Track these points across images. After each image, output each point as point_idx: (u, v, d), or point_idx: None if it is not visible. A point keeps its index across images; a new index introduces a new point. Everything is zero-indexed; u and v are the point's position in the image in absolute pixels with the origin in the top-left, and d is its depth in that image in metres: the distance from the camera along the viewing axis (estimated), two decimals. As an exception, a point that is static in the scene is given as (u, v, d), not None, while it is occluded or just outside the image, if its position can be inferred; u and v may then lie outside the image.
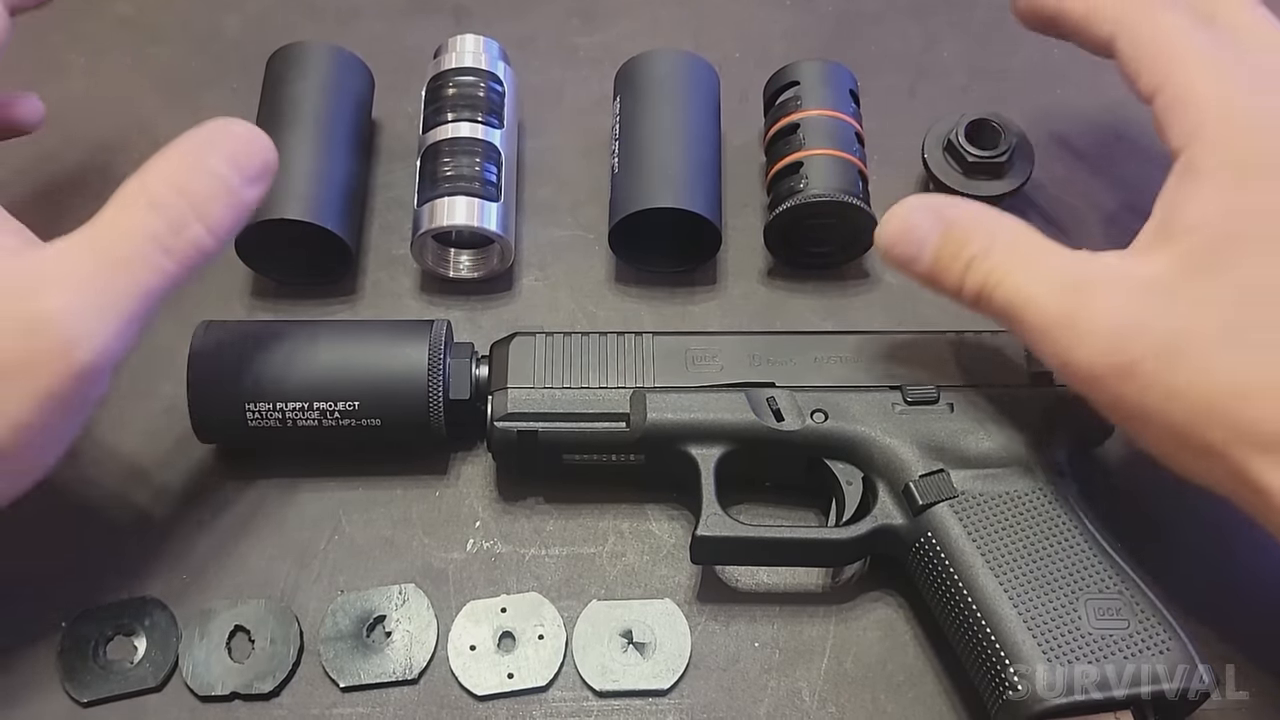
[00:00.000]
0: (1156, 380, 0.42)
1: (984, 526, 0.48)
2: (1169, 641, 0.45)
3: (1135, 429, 0.45)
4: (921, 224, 0.48)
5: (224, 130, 0.46)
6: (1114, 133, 0.66)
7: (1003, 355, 0.53)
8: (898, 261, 0.49)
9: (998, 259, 0.46)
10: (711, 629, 0.51)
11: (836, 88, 0.60)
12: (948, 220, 0.48)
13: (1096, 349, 0.43)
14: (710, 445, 0.51)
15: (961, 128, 0.60)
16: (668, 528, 0.54)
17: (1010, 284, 0.45)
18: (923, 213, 0.48)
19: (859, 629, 0.51)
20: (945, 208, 0.48)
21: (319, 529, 0.54)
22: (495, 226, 0.57)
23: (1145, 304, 0.43)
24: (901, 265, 0.49)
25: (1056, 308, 0.44)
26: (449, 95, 0.60)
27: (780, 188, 0.58)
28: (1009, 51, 0.69)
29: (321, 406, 0.51)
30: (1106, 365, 0.43)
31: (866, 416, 0.51)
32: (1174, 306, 0.43)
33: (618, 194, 0.58)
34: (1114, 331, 0.43)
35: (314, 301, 0.59)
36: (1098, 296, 0.44)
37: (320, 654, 0.50)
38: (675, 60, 0.62)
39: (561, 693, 0.50)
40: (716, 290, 0.61)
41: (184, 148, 0.46)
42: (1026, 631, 0.45)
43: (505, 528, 0.54)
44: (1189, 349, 0.42)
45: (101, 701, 0.49)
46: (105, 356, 0.43)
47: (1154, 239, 0.45)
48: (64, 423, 0.44)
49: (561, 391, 0.52)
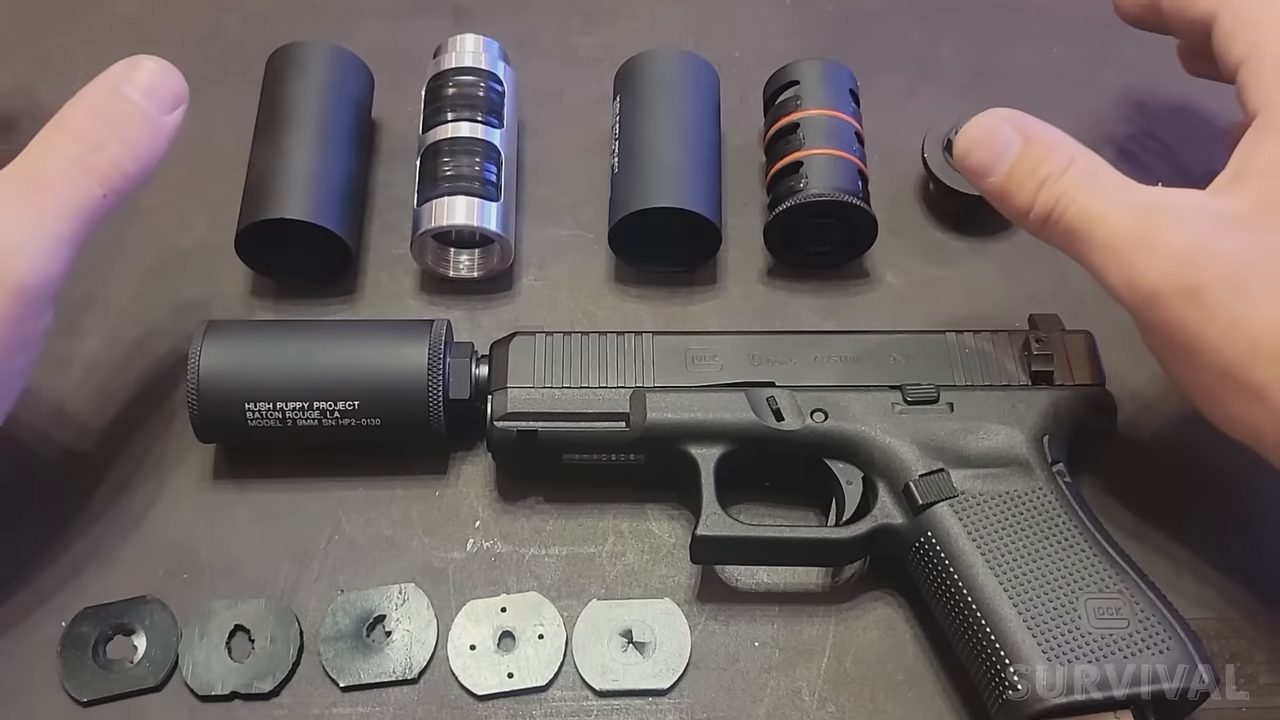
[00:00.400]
0: (1221, 307, 0.43)
1: (984, 526, 0.48)
2: (1169, 641, 0.45)
3: (1184, 362, 0.46)
4: (1004, 133, 0.48)
5: (133, 63, 0.49)
6: (1113, 132, 0.66)
7: (1003, 355, 0.53)
8: (973, 170, 0.49)
9: (1074, 180, 0.46)
10: (711, 628, 0.51)
11: (836, 87, 0.60)
12: (1030, 136, 0.48)
13: (1167, 267, 0.44)
14: (710, 445, 0.51)
15: (962, 127, 0.60)
16: (667, 527, 0.54)
17: (1083, 203, 0.46)
18: (1006, 124, 0.48)
19: (859, 628, 0.51)
20: (1029, 124, 0.49)
21: (319, 528, 0.54)
22: (495, 226, 0.57)
23: (1219, 231, 0.44)
24: (976, 174, 0.49)
25: (1130, 225, 0.45)
26: (449, 95, 0.60)
27: (780, 187, 0.58)
28: (1009, 51, 0.69)
29: (321, 406, 0.51)
30: (1175, 285, 0.44)
31: (866, 416, 0.51)
32: (1246, 239, 0.44)
33: (617, 193, 0.58)
34: (1186, 251, 0.44)
35: (314, 301, 0.60)
36: (1172, 219, 0.45)
37: (320, 653, 0.50)
38: (675, 60, 0.62)
39: (561, 692, 0.50)
40: (716, 290, 0.61)
41: (96, 82, 0.49)
42: (1026, 631, 0.45)
43: (505, 527, 0.54)
44: (1256, 281, 0.43)
45: (101, 701, 0.49)
46: (40, 274, 0.45)
47: (1229, 183, 0.46)
48: (10, 351, 0.46)
49: (561, 391, 0.52)
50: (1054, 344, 0.53)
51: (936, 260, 0.61)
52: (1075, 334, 0.54)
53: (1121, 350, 0.58)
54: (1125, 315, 0.59)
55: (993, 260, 0.61)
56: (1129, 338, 0.58)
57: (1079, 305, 0.59)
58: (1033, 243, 0.61)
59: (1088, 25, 0.62)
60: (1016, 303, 0.59)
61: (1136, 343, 0.58)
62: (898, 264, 0.61)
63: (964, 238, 0.62)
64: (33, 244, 0.45)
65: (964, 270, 0.61)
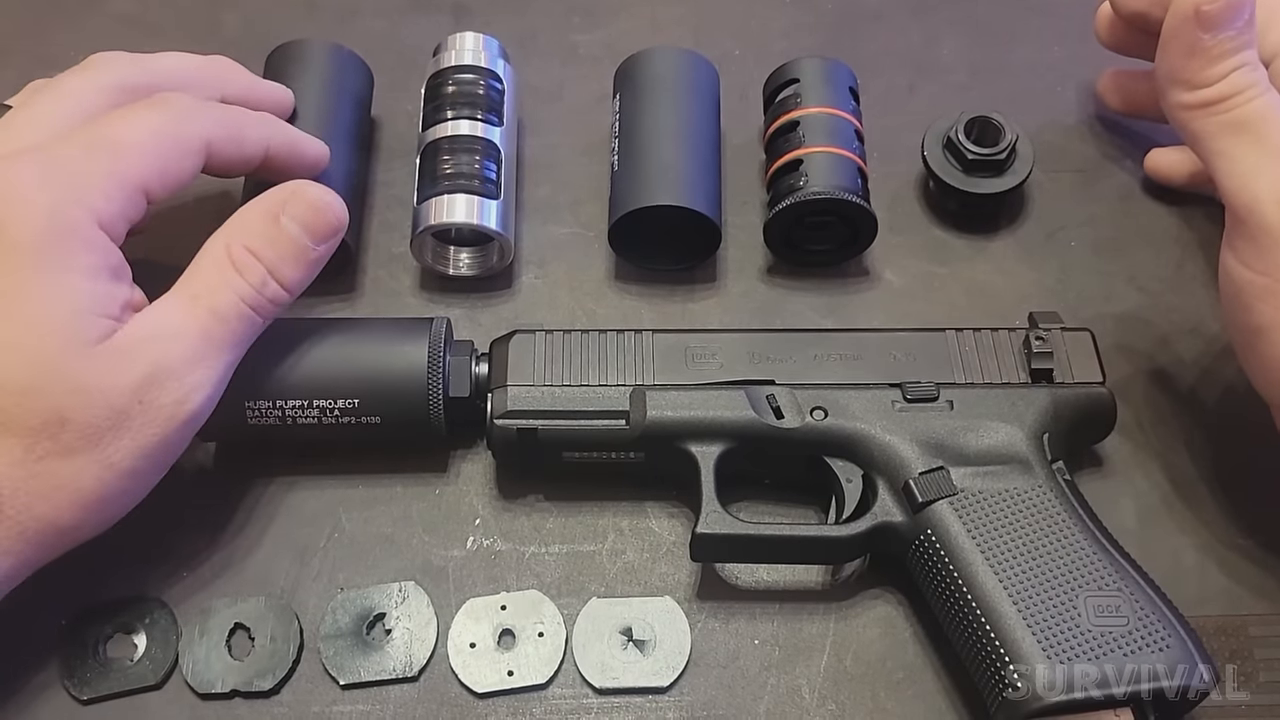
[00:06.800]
0: None
1: (983, 524, 0.48)
2: (1169, 639, 0.45)
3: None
4: (1248, 6, 0.48)
5: (299, 194, 0.50)
6: (1113, 130, 0.66)
7: (1003, 353, 0.53)
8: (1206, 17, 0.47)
9: (1274, 74, 0.49)
10: (711, 626, 0.51)
11: (836, 85, 0.60)
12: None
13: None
14: (710, 443, 0.51)
15: (961, 125, 0.60)
16: (667, 525, 0.54)
17: (1270, 100, 0.47)
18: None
19: (859, 626, 0.51)
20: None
21: (319, 527, 0.54)
22: (495, 224, 0.57)
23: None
24: (1205, 21, 0.48)
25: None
26: (449, 93, 0.60)
27: (780, 185, 0.58)
28: (1009, 49, 0.69)
29: (321, 404, 0.51)
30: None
31: (866, 414, 0.51)
32: None
33: (617, 192, 0.58)
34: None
35: (313, 299, 0.59)
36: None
37: (320, 651, 0.50)
38: (675, 58, 0.62)
39: (561, 690, 0.50)
40: (716, 288, 0.61)
41: (262, 209, 0.50)
42: (1026, 629, 0.45)
43: (505, 525, 0.54)
44: None
45: (102, 699, 0.49)
46: (211, 403, 0.48)
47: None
48: (162, 468, 0.48)
49: (561, 389, 0.52)
50: (1054, 342, 0.53)
51: (936, 258, 0.61)
52: (1076, 332, 0.54)
53: (1122, 349, 0.58)
54: (1126, 314, 0.59)
55: (993, 258, 0.61)
56: (1130, 336, 0.59)
57: (1079, 303, 0.59)
58: (1033, 241, 0.62)
59: (1088, 24, 0.62)
60: (1016, 300, 0.59)
61: (1137, 341, 0.59)
62: (898, 262, 0.61)
63: (964, 236, 0.62)
64: (210, 376, 0.47)
65: (964, 268, 0.61)
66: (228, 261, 0.48)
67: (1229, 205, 0.47)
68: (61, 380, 0.44)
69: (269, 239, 0.49)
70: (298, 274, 0.50)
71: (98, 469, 0.44)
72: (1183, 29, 0.48)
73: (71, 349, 0.44)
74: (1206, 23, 0.47)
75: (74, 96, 0.50)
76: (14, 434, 0.43)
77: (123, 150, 0.47)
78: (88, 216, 0.45)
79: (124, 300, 0.47)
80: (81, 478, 0.44)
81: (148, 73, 0.53)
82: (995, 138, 0.60)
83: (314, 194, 0.50)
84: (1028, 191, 0.62)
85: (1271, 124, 0.47)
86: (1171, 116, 0.50)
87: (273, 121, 0.55)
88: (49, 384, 0.44)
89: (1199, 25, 0.48)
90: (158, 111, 0.49)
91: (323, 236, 0.51)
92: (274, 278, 0.49)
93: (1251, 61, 0.48)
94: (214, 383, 0.47)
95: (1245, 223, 0.46)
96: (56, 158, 0.46)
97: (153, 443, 0.46)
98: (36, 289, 0.44)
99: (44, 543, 0.45)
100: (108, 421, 0.44)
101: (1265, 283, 0.46)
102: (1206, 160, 0.48)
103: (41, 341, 0.44)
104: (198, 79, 0.54)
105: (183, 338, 0.46)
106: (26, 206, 0.44)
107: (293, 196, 0.50)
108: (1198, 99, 0.48)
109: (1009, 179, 0.60)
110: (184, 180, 0.50)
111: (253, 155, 0.53)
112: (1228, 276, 0.48)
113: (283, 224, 0.49)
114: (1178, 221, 0.62)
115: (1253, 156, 0.46)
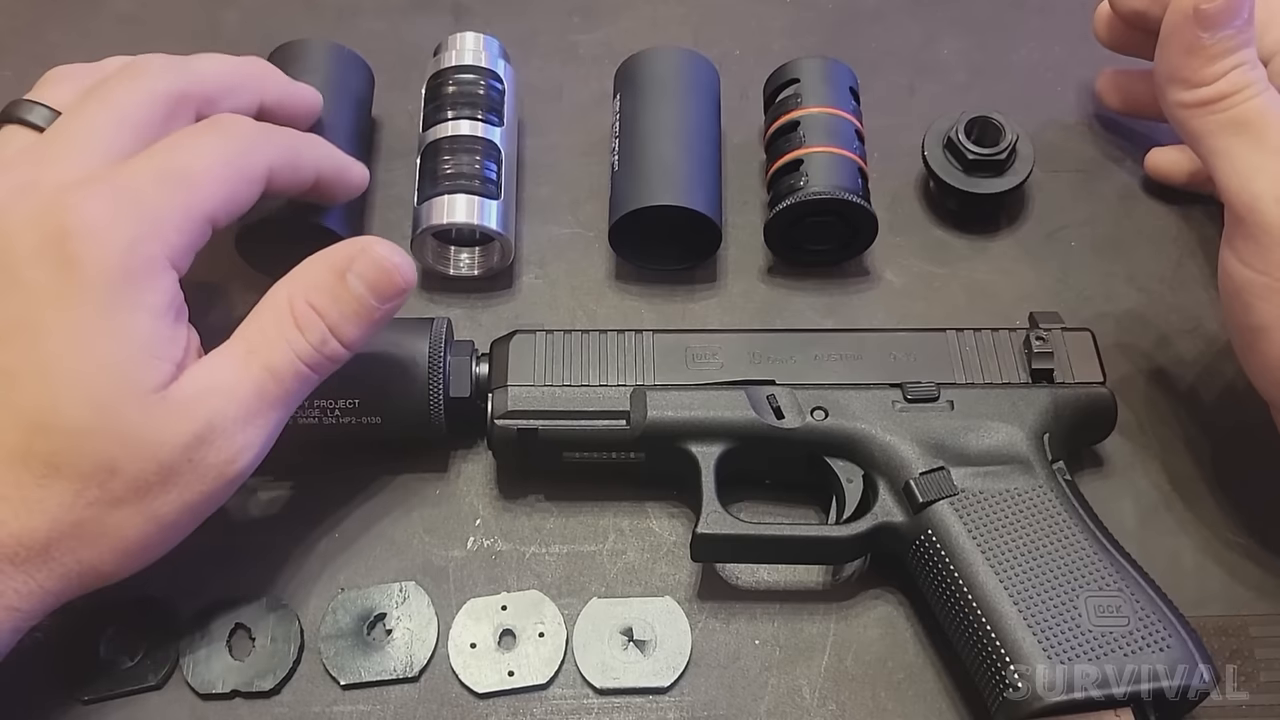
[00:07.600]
0: None
1: (984, 524, 0.48)
2: (1169, 639, 0.45)
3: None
4: (1247, 4, 0.48)
5: (368, 252, 0.48)
6: (1113, 130, 0.66)
7: (1003, 353, 0.53)
8: (1205, 15, 0.48)
9: (1272, 73, 0.48)
10: (712, 626, 0.51)
11: (837, 85, 0.60)
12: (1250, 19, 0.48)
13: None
14: (710, 443, 0.51)
15: (961, 125, 0.60)
16: (668, 525, 0.54)
17: (1270, 99, 0.47)
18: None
19: (859, 626, 0.51)
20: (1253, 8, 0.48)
21: (319, 527, 0.54)
22: (495, 224, 0.57)
23: None
24: (1203, 19, 0.48)
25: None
26: (449, 93, 0.60)
27: (780, 185, 0.58)
28: (1009, 49, 0.69)
29: (321, 404, 0.51)
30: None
31: (867, 414, 0.51)
32: None
33: (618, 192, 0.58)
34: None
35: (314, 299, 0.59)
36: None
37: (321, 652, 0.50)
38: (675, 57, 0.62)
39: (562, 690, 0.50)
40: (717, 288, 0.61)
41: (329, 263, 0.48)
42: (1026, 629, 0.45)
43: (505, 525, 0.54)
44: None
45: (102, 699, 0.49)
46: (255, 462, 0.47)
47: None
48: (202, 519, 0.47)
49: (562, 389, 0.52)
50: (1055, 342, 0.53)
51: (937, 258, 0.61)
52: (1076, 332, 0.54)
53: (1122, 349, 0.58)
54: (1126, 314, 0.59)
55: (993, 258, 0.61)
56: (1130, 336, 0.59)
57: (1080, 303, 0.59)
58: (1033, 241, 0.62)
59: (1088, 24, 0.62)
60: (1017, 300, 0.59)
61: (1137, 341, 0.59)
62: (898, 262, 0.61)
63: (964, 236, 0.62)
64: (260, 435, 0.46)
65: (964, 268, 0.61)
66: (289, 316, 0.47)
67: (1228, 204, 0.47)
68: (117, 426, 0.43)
69: (333, 296, 0.47)
70: (359, 332, 0.48)
71: (141, 520, 0.44)
72: (1182, 28, 0.48)
73: (132, 395, 0.43)
74: (1205, 21, 0.48)
75: (125, 108, 0.48)
76: (66, 477, 0.43)
77: (194, 182, 0.46)
78: (161, 252, 0.44)
79: (184, 343, 0.45)
80: (125, 528, 0.44)
81: (194, 80, 0.51)
82: (995, 138, 0.60)
83: (382, 253, 0.48)
84: (1028, 191, 0.62)
85: (1271, 122, 0.47)
86: (1171, 115, 0.50)
87: (322, 144, 0.54)
88: (105, 428, 0.43)
89: (1198, 24, 0.48)
90: (225, 139, 0.48)
91: (388, 297, 0.48)
92: (334, 335, 0.47)
93: (1250, 60, 0.48)
94: (263, 442, 0.46)
95: (1245, 221, 0.46)
96: (129, 189, 0.45)
97: (197, 499, 0.45)
98: (106, 327, 0.43)
99: (83, 584, 0.45)
100: (156, 476, 0.44)
101: (1265, 281, 0.46)
102: (1206, 159, 0.48)
103: (105, 383, 0.43)
104: (239, 84, 0.53)
105: (237, 395, 0.45)
106: (102, 241, 0.43)
107: (361, 254, 0.48)
108: (1197, 98, 0.48)
109: (1009, 179, 0.60)
110: (245, 208, 0.49)
111: (306, 180, 0.52)
112: (1227, 275, 0.48)
113: (349, 281, 0.47)
114: (1178, 221, 0.62)
115: (1252, 155, 0.46)
